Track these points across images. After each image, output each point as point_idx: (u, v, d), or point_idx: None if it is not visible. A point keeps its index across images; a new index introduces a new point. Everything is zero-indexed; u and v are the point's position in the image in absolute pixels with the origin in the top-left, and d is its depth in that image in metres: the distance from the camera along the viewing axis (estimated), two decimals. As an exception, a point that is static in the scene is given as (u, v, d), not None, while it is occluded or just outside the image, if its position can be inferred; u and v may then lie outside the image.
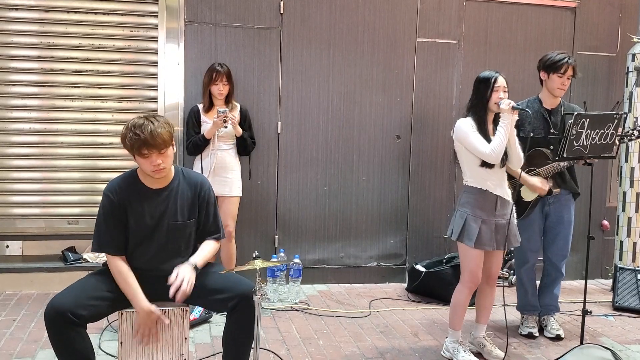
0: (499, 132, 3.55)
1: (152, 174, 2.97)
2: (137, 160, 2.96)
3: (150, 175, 2.99)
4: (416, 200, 5.64)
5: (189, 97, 5.10)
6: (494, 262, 3.82)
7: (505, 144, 3.54)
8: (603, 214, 5.97)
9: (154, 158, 2.91)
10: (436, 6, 5.55)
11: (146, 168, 2.95)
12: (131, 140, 2.87)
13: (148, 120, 2.89)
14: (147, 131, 2.85)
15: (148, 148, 2.87)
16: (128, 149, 2.94)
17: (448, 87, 5.63)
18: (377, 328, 4.47)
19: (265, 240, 5.38)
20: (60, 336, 2.81)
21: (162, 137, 2.88)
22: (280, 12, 5.26)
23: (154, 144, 2.86)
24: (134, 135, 2.85)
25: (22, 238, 5.12)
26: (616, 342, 4.33)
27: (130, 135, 2.87)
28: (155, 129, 2.87)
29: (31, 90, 5.00)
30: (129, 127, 2.90)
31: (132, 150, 2.92)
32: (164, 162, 2.93)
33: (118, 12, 5.05)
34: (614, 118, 3.69)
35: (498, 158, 3.56)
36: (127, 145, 2.92)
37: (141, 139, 2.85)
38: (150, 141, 2.85)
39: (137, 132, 2.85)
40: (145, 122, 2.88)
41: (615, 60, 5.90)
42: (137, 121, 2.90)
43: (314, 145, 5.42)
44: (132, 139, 2.87)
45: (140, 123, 2.88)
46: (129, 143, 2.89)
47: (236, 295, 2.94)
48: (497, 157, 3.55)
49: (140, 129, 2.85)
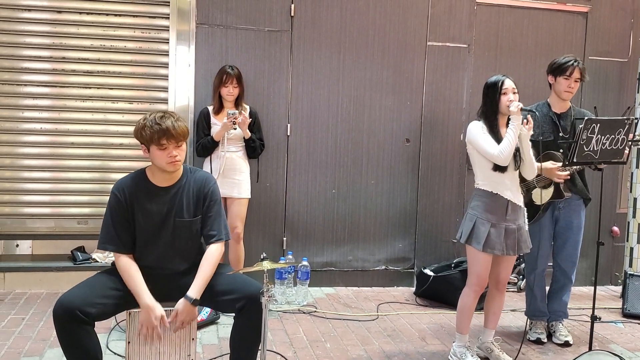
0: (508, 134, 3.54)
1: (167, 167, 2.99)
2: (152, 153, 2.98)
3: (164, 168, 3.01)
4: (425, 204, 5.63)
5: (199, 99, 5.12)
6: (503, 268, 3.80)
7: (514, 146, 3.53)
8: (613, 220, 5.94)
9: (171, 149, 2.95)
10: (447, 10, 5.54)
11: (162, 160, 2.98)
12: (151, 130, 2.92)
13: (167, 114, 2.98)
14: (168, 122, 2.93)
15: (168, 139, 2.92)
16: (145, 140, 2.97)
17: (458, 91, 5.62)
18: (384, 332, 4.46)
19: (274, 243, 5.38)
20: (69, 334, 2.82)
21: (182, 128, 2.97)
22: (291, 14, 5.27)
23: (174, 134, 2.93)
24: (155, 124, 2.92)
25: (32, 237, 5.16)
26: (625, 349, 4.30)
27: (150, 125, 2.93)
28: (175, 121, 2.95)
29: (42, 90, 5.03)
30: (148, 119, 2.96)
31: (150, 141, 2.95)
32: (179, 155, 2.99)
33: (129, 13, 5.08)
34: (625, 123, 3.68)
35: (507, 160, 3.54)
36: (146, 136, 2.95)
37: (162, 128, 2.91)
38: (171, 131, 2.92)
39: (159, 122, 2.92)
40: (165, 114, 2.97)
41: (627, 66, 5.87)
42: (156, 114, 2.97)
43: (323, 148, 5.43)
44: (153, 129, 2.92)
45: (160, 115, 2.96)
46: (149, 133, 2.93)
47: (244, 297, 2.94)
48: (506, 158, 3.54)
49: (161, 120, 2.93)
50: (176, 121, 2.96)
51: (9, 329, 4.14)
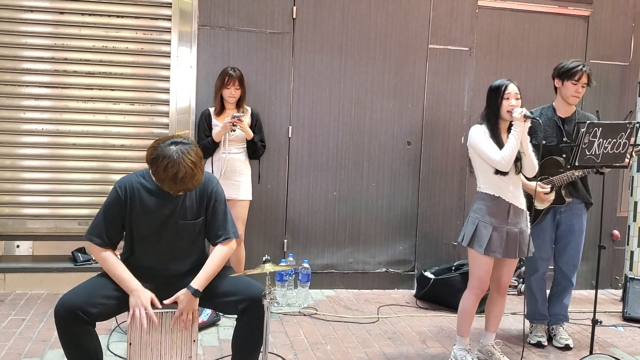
0: (510, 139, 3.53)
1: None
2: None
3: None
4: (426, 206, 5.63)
5: (200, 100, 5.12)
6: (505, 271, 3.80)
7: (516, 152, 3.53)
8: (614, 223, 5.94)
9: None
10: (448, 13, 5.55)
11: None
12: (158, 178, 2.88)
13: (185, 165, 2.80)
14: (180, 181, 2.83)
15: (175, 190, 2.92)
16: (153, 175, 2.93)
17: (459, 95, 5.62)
18: (385, 334, 4.45)
19: (274, 245, 5.38)
20: (70, 334, 2.83)
21: (193, 185, 2.90)
22: (292, 17, 5.27)
23: (183, 189, 2.91)
24: (167, 177, 2.83)
25: (33, 238, 5.15)
26: (626, 352, 4.30)
27: (162, 175, 2.84)
28: (188, 182, 2.84)
29: (44, 91, 5.03)
30: (162, 163, 2.81)
31: (159, 182, 2.92)
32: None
33: (131, 15, 5.08)
34: (627, 127, 3.68)
35: (508, 166, 3.55)
36: (156, 177, 2.91)
37: (174, 186, 2.86)
38: (181, 188, 2.89)
39: (173, 178, 2.82)
40: (181, 169, 2.80)
41: (628, 70, 5.88)
42: (172, 161, 2.80)
43: (324, 150, 5.43)
44: (160, 177, 2.86)
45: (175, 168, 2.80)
46: (160, 179, 2.88)
47: (247, 298, 2.95)
48: (507, 164, 3.54)
49: (174, 175, 2.81)
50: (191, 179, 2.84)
51: (9, 330, 4.14)
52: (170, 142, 2.86)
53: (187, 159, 2.80)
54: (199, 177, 2.88)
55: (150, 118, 5.18)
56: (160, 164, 2.81)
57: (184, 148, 2.83)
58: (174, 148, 2.83)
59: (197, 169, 2.85)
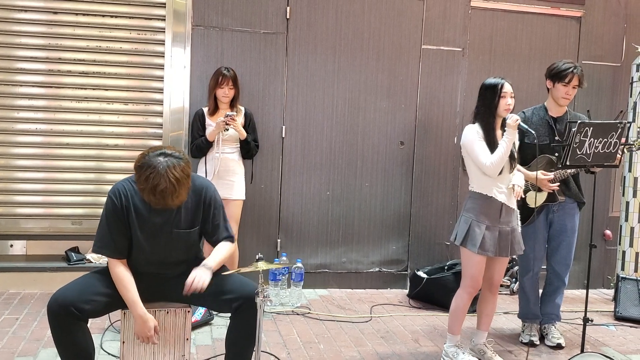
0: (500, 146, 3.56)
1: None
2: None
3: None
4: (419, 206, 5.65)
5: (194, 100, 5.13)
6: (497, 270, 3.82)
7: (505, 158, 3.58)
8: (605, 223, 5.98)
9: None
10: (441, 14, 5.57)
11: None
12: (141, 187, 2.81)
13: (166, 179, 2.73)
14: (159, 194, 2.76)
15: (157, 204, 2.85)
16: (137, 182, 2.85)
17: (452, 95, 5.65)
18: (378, 333, 4.47)
19: (268, 244, 5.39)
20: (62, 330, 2.83)
21: (174, 202, 2.82)
22: (286, 17, 5.29)
23: (162, 204, 2.83)
24: (147, 187, 2.76)
25: (26, 238, 5.15)
26: (617, 351, 4.33)
27: (143, 184, 2.78)
28: (167, 197, 2.77)
29: (38, 91, 5.03)
30: (145, 172, 2.75)
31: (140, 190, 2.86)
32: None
33: (125, 15, 5.09)
34: (618, 127, 3.70)
35: (496, 171, 3.58)
36: (138, 185, 2.84)
37: (153, 198, 2.79)
38: (160, 202, 2.82)
39: (152, 190, 2.75)
40: (162, 182, 2.73)
41: (620, 70, 5.92)
42: (155, 172, 2.73)
43: (318, 150, 5.44)
44: (143, 190, 2.81)
45: (156, 180, 2.73)
46: (141, 188, 2.82)
47: (241, 297, 2.96)
48: (495, 170, 3.57)
49: (154, 188, 2.75)
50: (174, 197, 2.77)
51: (2, 329, 4.13)
52: (159, 152, 2.80)
53: (170, 174, 2.73)
54: (181, 195, 2.81)
55: (144, 118, 5.19)
56: (143, 172, 2.76)
57: (172, 162, 2.77)
58: (162, 159, 2.76)
59: (181, 186, 2.78)
